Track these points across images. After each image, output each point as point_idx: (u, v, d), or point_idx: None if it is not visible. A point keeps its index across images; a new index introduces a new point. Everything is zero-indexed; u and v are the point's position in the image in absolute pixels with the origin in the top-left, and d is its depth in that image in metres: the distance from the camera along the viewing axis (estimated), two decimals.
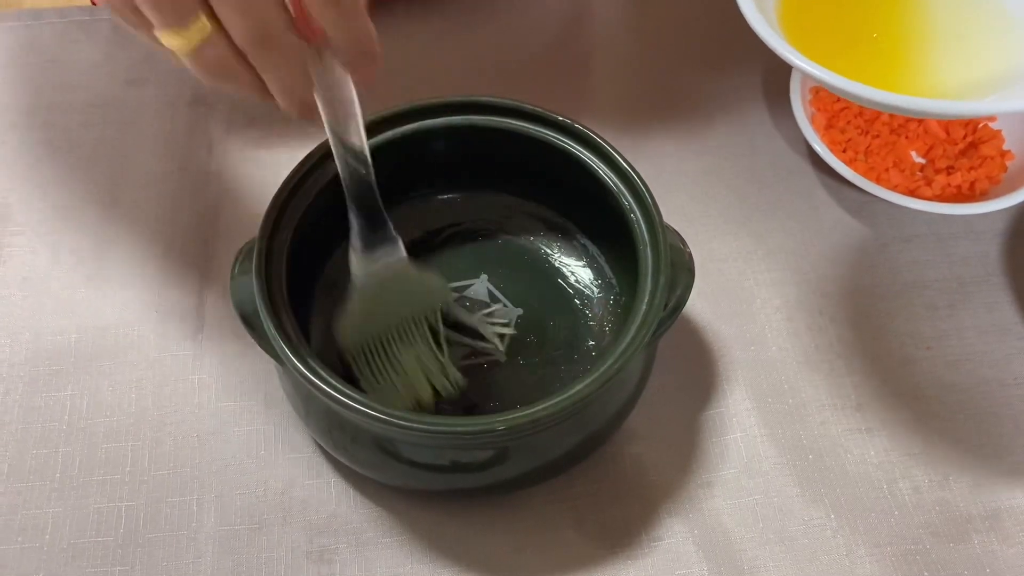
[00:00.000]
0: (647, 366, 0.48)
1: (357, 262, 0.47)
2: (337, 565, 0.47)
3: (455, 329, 0.51)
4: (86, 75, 0.64)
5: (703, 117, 0.64)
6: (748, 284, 0.56)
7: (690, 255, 0.47)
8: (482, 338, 0.51)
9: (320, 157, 0.48)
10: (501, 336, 0.51)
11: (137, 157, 0.60)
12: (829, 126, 0.61)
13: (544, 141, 0.49)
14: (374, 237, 0.46)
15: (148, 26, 0.36)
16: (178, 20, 0.35)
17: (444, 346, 0.49)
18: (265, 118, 0.62)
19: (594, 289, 0.53)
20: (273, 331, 0.42)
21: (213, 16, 0.35)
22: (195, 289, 0.55)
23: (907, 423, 0.52)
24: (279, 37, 0.36)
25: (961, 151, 0.61)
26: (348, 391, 0.41)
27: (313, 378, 0.41)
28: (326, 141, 0.47)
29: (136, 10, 0.36)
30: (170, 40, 0.36)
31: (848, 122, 0.61)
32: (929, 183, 0.59)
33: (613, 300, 0.52)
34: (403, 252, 0.48)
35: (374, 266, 0.47)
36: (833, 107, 0.62)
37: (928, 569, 0.47)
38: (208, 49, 0.36)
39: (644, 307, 0.44)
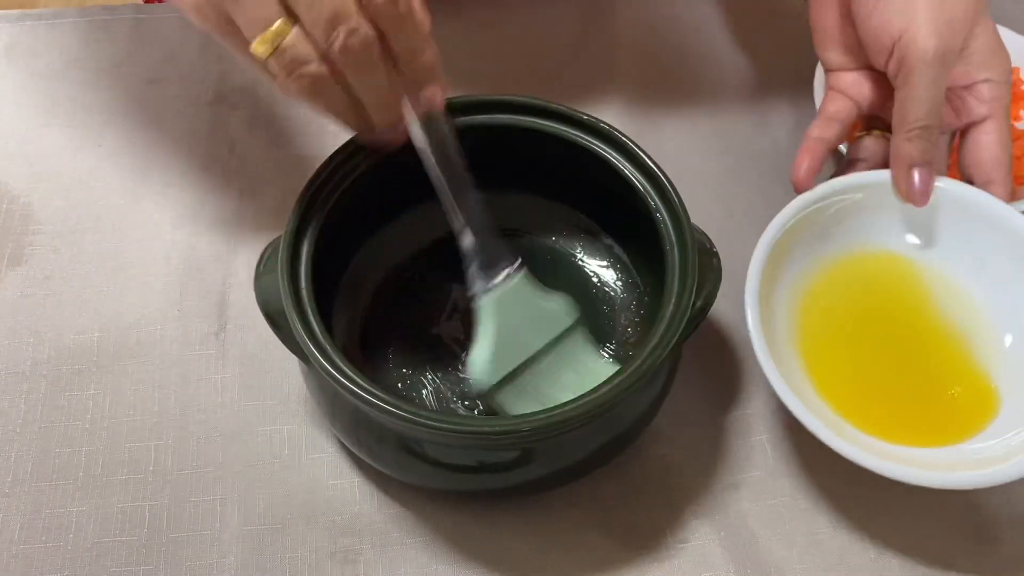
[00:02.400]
0: (673, 367, 0.48)
1: (477, 286, 0.45)
2: (361, 566, 0.47)
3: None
4: (108, 74, 0.64)
5: (726, 117, 0.64)
6: None
7: (717, 255, 0.47)
8: None
9: (345, 156, 0.47)
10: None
11: (159, 156, 0.60)
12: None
13: (569, 140, 0.49)
14: (491, 260, 0.45)
15: (243, 44, 0.37)
16: (258, 23, 0.36)
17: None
18: (286, 118, 0.62)
19: (619, 289, 0.53)
20: (300, 330, 0.42)
21: (294, 18, 0.36)
22: (218, 288, 0.55)
23: None
24: (358, 35, 0.37)
25: None
26: (375, 390, 0.41)
27: (340, 377, 0.41)
28: (350, 140, 0.48)
29: (230, 23, 0.37)
30: (257, 47, 0.37)
31: None
32: None
33: (638, 301, 0.52)
34: (527, 276, 0.46)
35: (494, 289, 0.45)
36: None
37: (957, 572, 0.47)
38: (291, 52, 0.37)
39: (672, 308, 0.43)
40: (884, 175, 0.49)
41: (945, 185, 0.49)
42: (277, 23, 0.36)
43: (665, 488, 0.49)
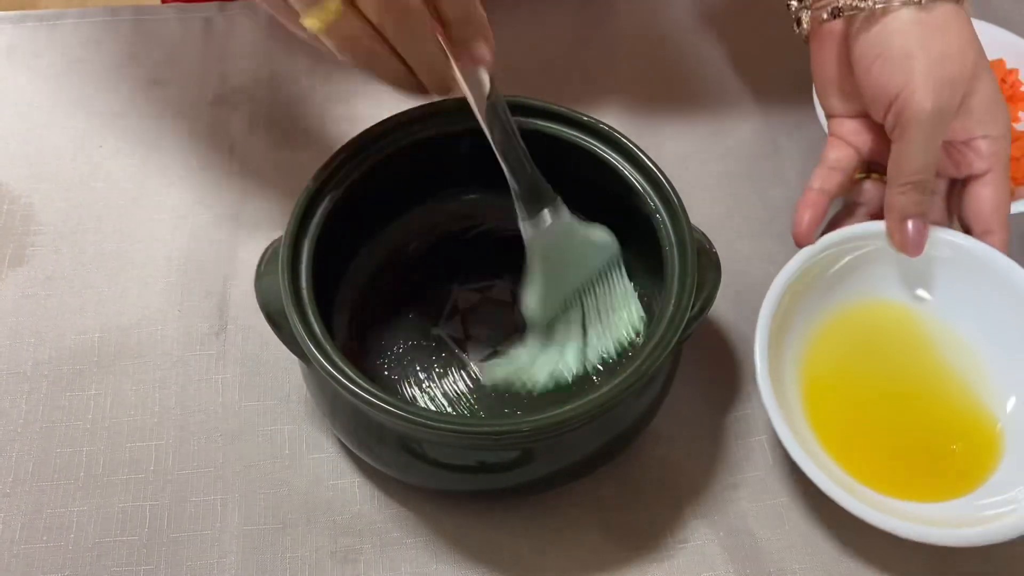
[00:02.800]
0: (673, 368, 0.48)
1: (524, 228, 0.47)
2: (361, 565, 0.47)
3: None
4: (109, 75, 0.64)
5: (726, 119, 0.64)
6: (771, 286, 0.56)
7: (717, 256, 0.47)
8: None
9: (345, 158, 0.47)
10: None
11: (159, 157, 0.61)
12: None
13: (569, 141, 0.49)
14: (534, 201, 0.47)
15: (294, 15, 0.39)
16: (309, 1, 0.37)
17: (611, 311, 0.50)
18: (287, 119, 0.62)
19: None
20: (300, 330, 0.42)
21: None
22: (218, 288, 0.55)
23: None
24: (410, 12, 0.38)
25: None
26: (375, 391, 0.41)
27: (340, 378, 0.41)
28: (351, 141, 0.48)
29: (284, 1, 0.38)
30: (309, 22, 0.38)
31: None
32: None
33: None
34: (567, 213, 0.48)
35: (541, 230, 0.47)
36: None
37: (957, 573, 0.47)
38: (343, 27, 0.38)
39: (671, 308, 0.44)
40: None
41: (953, 239, 0.49)
42: (329, 2, 0.37)
43: (665, 488, 0.49)
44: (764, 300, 0.48)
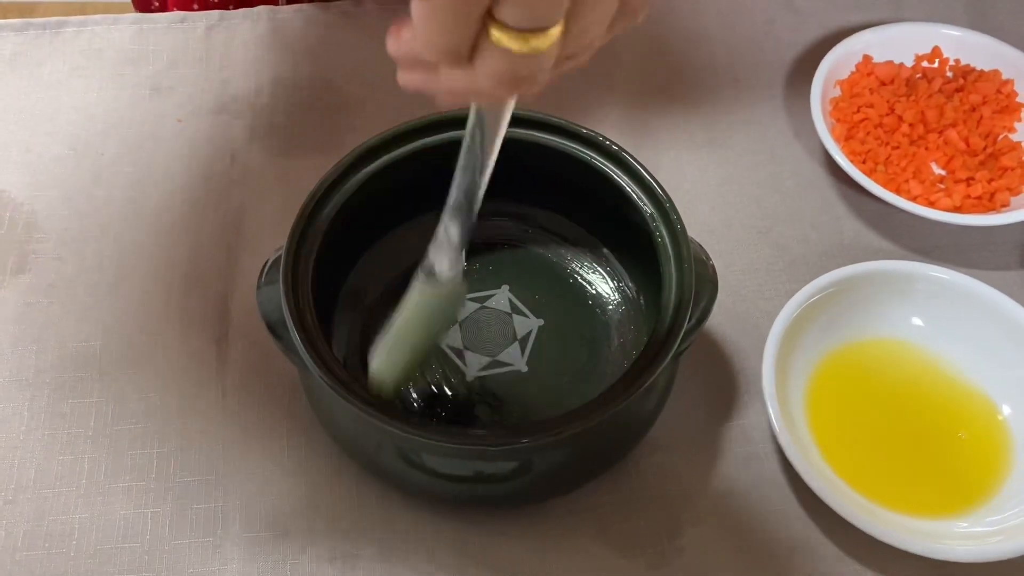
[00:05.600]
0: (670, 378, 0.49)
1: (425, 283, 0.42)
2: (361, 572, 0.47)
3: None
4: (110, 83, 0.64)
5: (723, 128, 0.64)
6: (768, 295, 0.57)
7: (713, 268, 0.48)
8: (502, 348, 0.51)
9: (346, 167, 0.48)
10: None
11: (161, 165, 0.61)
12: (849, 137, 0.61)
13: (567, 153, 0.50)
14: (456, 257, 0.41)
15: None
16: (540, 21, 0.29)
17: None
18: (287, 127, 0.63)
19: (615, 301, 0.53)
20: (300, 341, 0.43)
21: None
22: (219, 296, 0.55)
23: None
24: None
25: (981, 162, 0.61)
26: (374, 402, 0.41)
27: (340, 388, 0.41)
28: (350, 153, 0.48)
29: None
30: (516, 44, 0.29)
31: (868, 133, 0.61)
32: (949, 194, 0.59)
33: (634, 312, 0.53)
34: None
35: (439, 287, 0.42)
36: (853, 118, 0.62)
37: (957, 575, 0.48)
38: (542, 62, 0.31)
39: (669, 320, 0.44)
40: (889, 265, 0.54)
41: (948, 277, 0.53)
42: (556, 28, 0.29)
43: (662, 496, 0.49)
44: (768, 339, 0.50)
